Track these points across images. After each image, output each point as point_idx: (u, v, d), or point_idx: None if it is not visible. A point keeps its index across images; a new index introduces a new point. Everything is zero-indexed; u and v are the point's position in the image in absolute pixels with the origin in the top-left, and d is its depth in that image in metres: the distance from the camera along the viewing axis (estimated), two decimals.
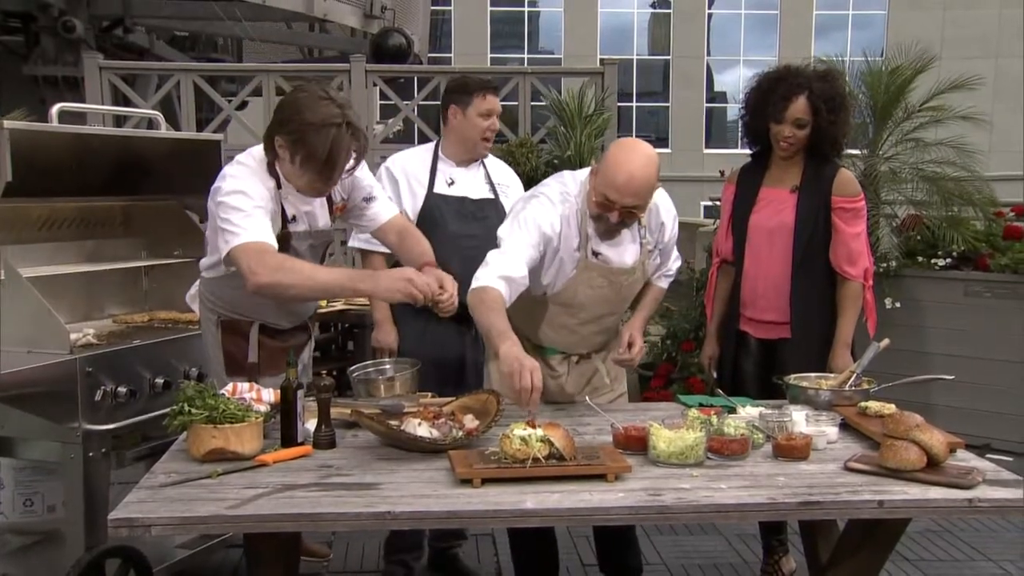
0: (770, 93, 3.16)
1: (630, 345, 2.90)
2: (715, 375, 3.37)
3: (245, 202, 2.56)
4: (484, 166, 3.46)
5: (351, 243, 3.41)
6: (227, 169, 2.71)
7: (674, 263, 3.09)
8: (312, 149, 2.54)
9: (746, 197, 3.29)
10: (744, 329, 3.31)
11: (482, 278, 2.61)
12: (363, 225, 2.99)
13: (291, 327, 2.99)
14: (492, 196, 3.41)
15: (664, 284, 3.10)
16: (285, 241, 2.71)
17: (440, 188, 3.34)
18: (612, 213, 2.65)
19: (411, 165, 3.37)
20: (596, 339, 2.98)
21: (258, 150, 2.73)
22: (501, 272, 2.61)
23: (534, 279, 2.74)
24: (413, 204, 3.31)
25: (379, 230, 2.97)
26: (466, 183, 3.39)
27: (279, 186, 2.70)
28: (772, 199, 3.23)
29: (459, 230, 3.28)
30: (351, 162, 2.63)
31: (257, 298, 2.78)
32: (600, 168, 2.67)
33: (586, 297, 2.82)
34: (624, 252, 2.83)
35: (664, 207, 2.89)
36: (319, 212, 2.84)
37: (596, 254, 2.79)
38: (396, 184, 3.33)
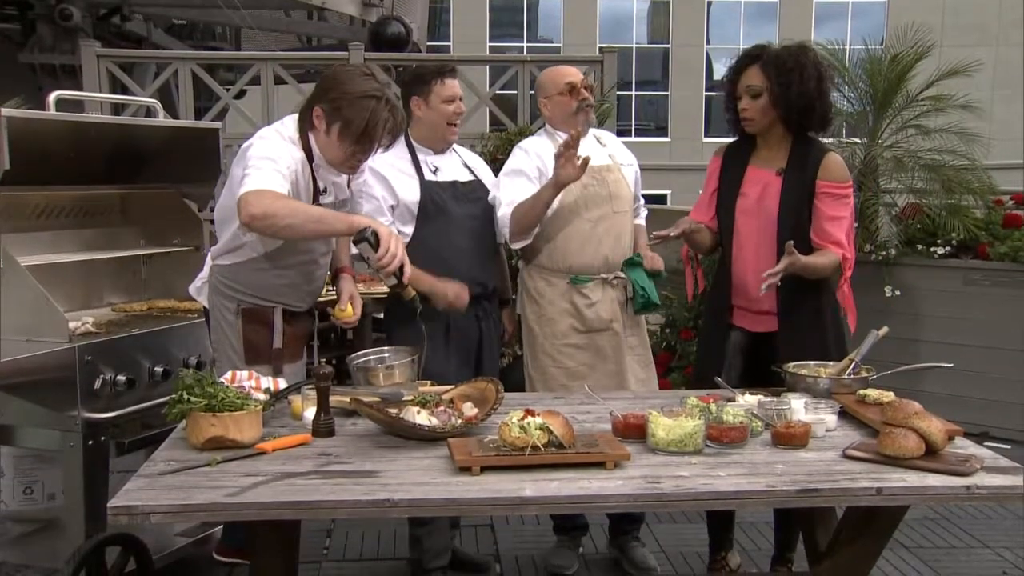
0: (730, 73, 3.09)
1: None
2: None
3: (268, 164, 2.62)
4: (456, 151, 3.44)
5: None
6: (257, 136, 2.75)
7: (642, 209, 3.66)
8: (350, 119, 2.65)
9: (733, 177, 3.15)
10: (738, 324, 3.16)
11: (504, 211, 3.24)
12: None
13: (307, 308, 3.04)
14: (475, 178, 3.39)
15: (642, 221, 3.63)
16: None
17: (429, 176, 3.28)
18: (580, 92, 3.34)
19: (392, 159, 3.24)
20: (614, 248, 3.34)
21: (285, 126, 2.80)
22: (512, 201, 3.23)
23: None
24: (411, 194, 3.22)
25: None
26: (449, 169, 3.35)
27: (311, 159, 2.77)
28: (757, 180, 3.09)
29: (461, 211, 3.28)
30: (387, 139, 2.72)
31: (280, 279, 2.83)
32: (542, 89, 3.42)
33: (584, 195, 3.28)
34: (597, 155, 3.36)
35: (615, 139, 3.62)
36: (343, 183, 2.97)
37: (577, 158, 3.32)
38: (385, 180, 3.21)
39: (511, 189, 3.29)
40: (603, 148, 3.46)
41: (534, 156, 3.34)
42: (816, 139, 3.13)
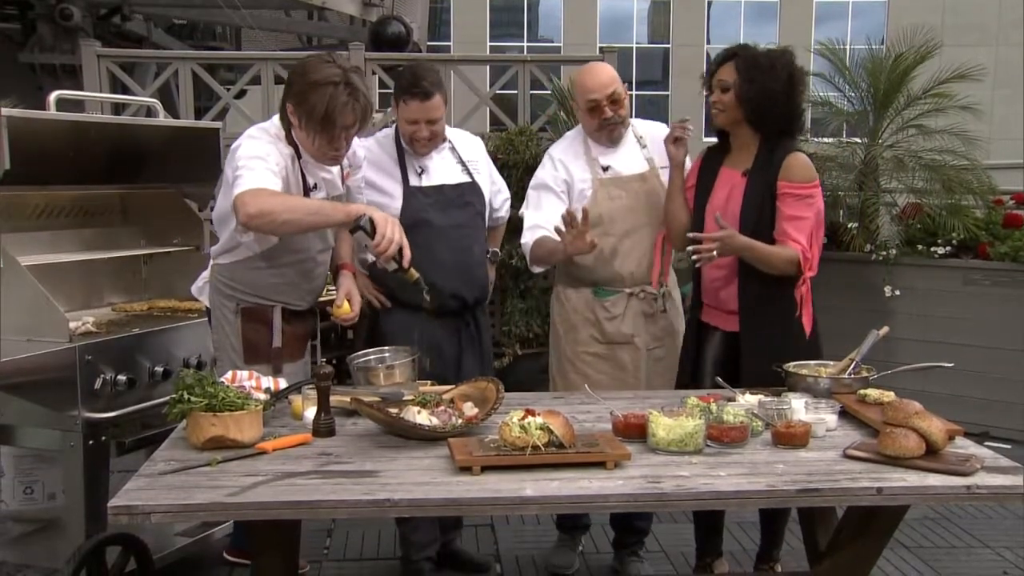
0: (709, 68, 3.12)
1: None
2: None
3: (259, 163, 2.63)
4: (450, 143, 3.29)
5: None
6: (245, 136, 2.76)
7: None
8: (311, 107, 2.63)
9: (707, 178, 3.14)
10: (706, 321, 3.15)
11: (527, 238, 3.20)
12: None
13: (307, 307, 3.03)
14: (468, 179, 3.26)
15: None
16: None
17: (414, 181, 3.18)
18: (604, 111, 3.16)
19: (379, 157, 3.20)
20: (641, 261, 3.23)
21: (271, 124, 2.81)
22: (536, 226, 3.17)
23: None
24: (392, 203, 3.13)
25: None
26: (438, 170, 3.22)
27: (299, 156, 2.77)
28: (727, 181, 3.08)
29: (445, 222, 3.17)
30: (356, 125, 2.69)
31: (277, 278, 2.83)
32: (574, 94, 3.28)
33: (609, 209, 3.18)
34: (631, 161, 3.27)
35: (661, 133, 3.30)
36: (335, 179, 2.95)
37: (605, 168, 3.22)
38: (370, 183, 3.17)
39: (537, 209, 3.20)
40: (642, 150, 3.30)
41: (561, 168, 3.23)
42: (786, 140, 3.07)
